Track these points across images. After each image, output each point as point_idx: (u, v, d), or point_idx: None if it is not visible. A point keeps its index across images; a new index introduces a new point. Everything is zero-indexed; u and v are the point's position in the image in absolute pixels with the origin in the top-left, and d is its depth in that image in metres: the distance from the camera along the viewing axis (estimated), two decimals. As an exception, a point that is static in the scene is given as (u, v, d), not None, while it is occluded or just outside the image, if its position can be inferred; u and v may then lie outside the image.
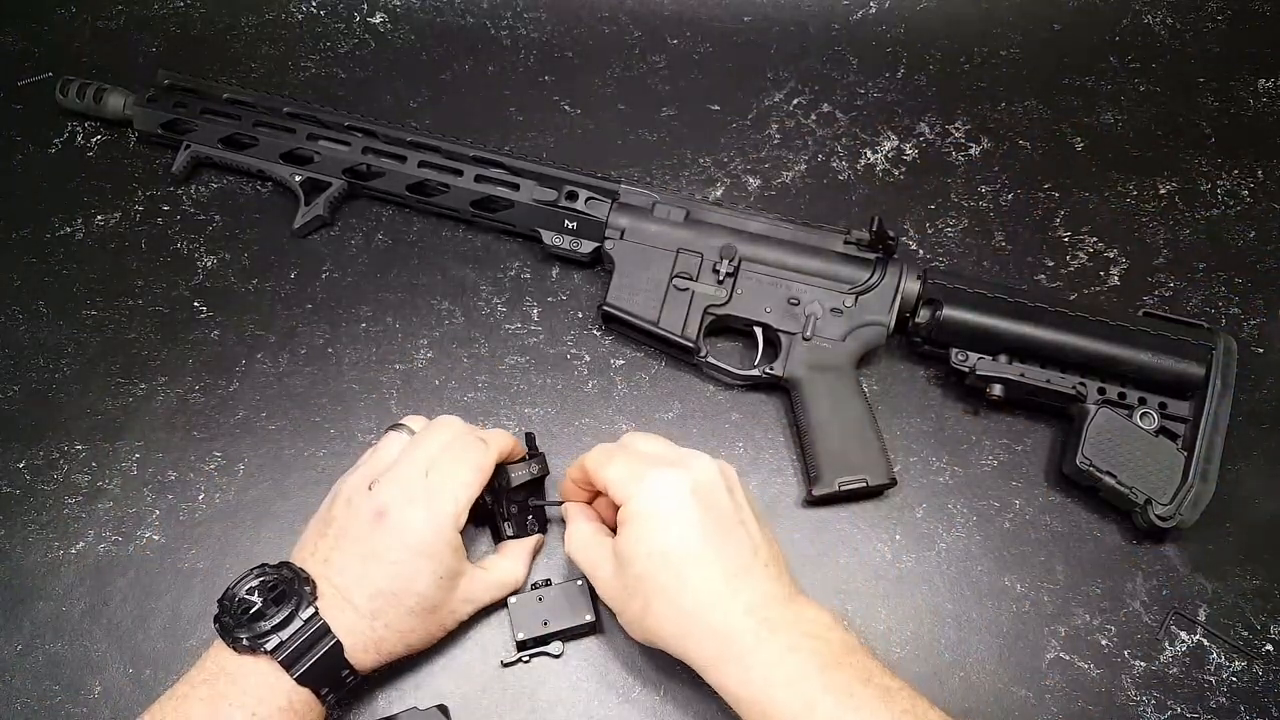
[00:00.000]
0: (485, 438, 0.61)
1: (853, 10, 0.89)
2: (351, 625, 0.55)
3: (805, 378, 0.70)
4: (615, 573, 0.56)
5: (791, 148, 0.83)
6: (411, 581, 0.56)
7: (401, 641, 0.58)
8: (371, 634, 0.56)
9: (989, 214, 0.81)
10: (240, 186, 0.81)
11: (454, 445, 0.60)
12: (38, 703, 0.63)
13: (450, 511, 0.57)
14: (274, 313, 0.76)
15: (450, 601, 0.59)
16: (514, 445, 0.64)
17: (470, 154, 0.76)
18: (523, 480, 0.64)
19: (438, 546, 0.56)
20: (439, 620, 0.59)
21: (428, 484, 0.57)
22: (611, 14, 0.88)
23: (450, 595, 0.59)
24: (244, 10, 0.88)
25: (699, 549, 0.53)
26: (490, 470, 0.60)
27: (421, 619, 0.58)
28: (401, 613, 0.56)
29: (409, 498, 0.57)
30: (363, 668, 0.56)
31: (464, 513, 0.58)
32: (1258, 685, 0.65)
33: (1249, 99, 0.86)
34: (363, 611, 0.56)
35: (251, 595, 0.54)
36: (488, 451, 0.60)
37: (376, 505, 0.57)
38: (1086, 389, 0.69)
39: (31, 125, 0.83)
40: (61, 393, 0.73)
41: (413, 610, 0.57)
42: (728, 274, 0.72)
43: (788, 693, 0.49)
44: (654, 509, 0.54)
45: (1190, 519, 0.66)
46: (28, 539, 0.68)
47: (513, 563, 0.63)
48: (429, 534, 0.56)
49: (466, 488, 0.58)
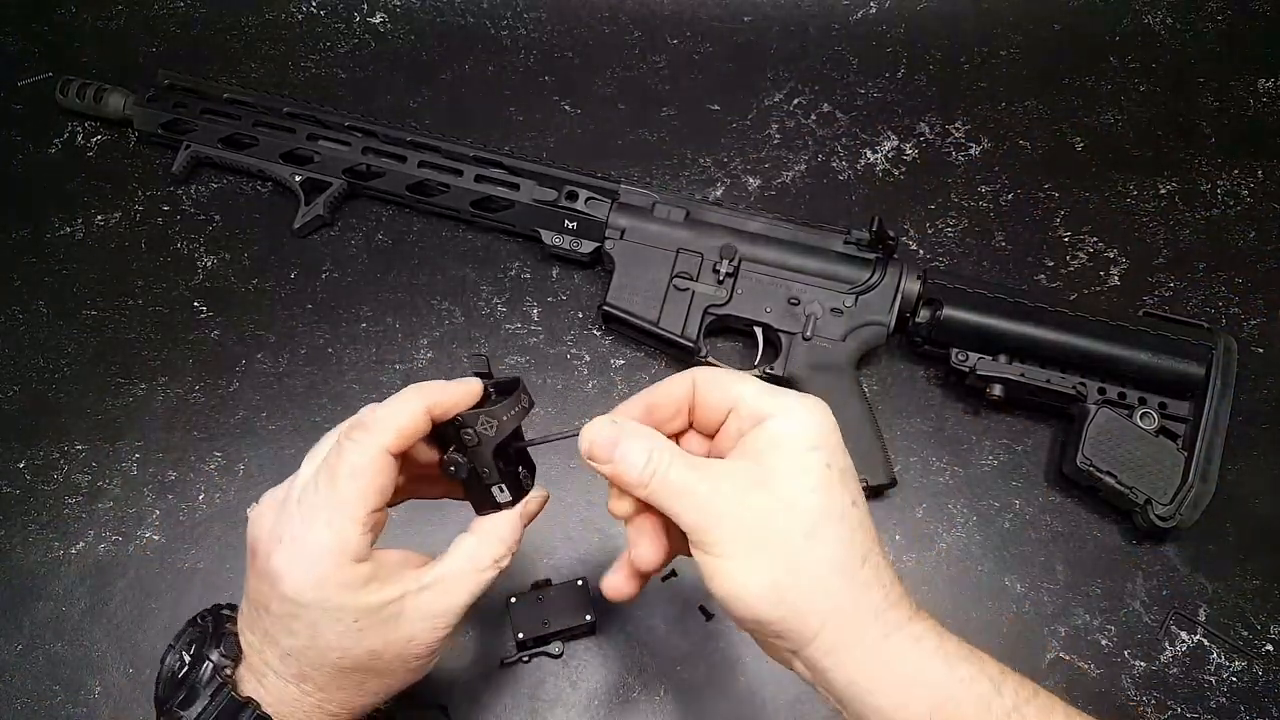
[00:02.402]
0: (366, 422, 0.45)
1: (853, 10, 0.89)
2: (281, 694, 0.45)
3: (805, 378, 0.70)
4: (739, 502, 0.41)
5: (791, 148, 0.83)
6: (314, 636, 0.44)
7: (361, 698, 0.46)
8: (307, 701, 0.45)
9: (989, 214, 0.81)
10: (240, 186, 0.81)
11: (329, 457, 0.45)
12: (38, 703, 0.63)
13: (327, 546, 0.43)
14: (274, 313, 0.76)
15: (393, 643, 0.45)
16: (442, 395, 0.46)
17: (470, 154, 0.76)
18: (514, 424, 0.48)
19: (324, 591, 0.43)
20: (397, 660, 0.46)
21: (299, 512, 0.44)
22: (611, 14, 0.88)
23: (387, 634, 0.45)
24: (244, 10, 0.88)
25: (841, 502, 0.42)
26: (381, 466, 0.45)
27: (365, 672, 0.45)
28: (331, 672, 0.45)
29: (276, 535, 0.44)
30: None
31: (355, 537, 0.44)
32: (1258, 685, 0.65)
33: (1249, 99, 0.85)
34: (284, 675, 0.45)
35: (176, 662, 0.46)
36: (366, 443, 0.44)
37: (250, 539, 0.46)
38: (1086, 389, 0.69)
39: (31, 125, 0.83)
40: (61, 393, 0.73)
41: (341, 668, 0.44)
42: (728, 274, 0.72)
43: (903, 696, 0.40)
44: (812, 433, 0.42)
45: (1190, 519, 0.66)
46: (28, 539, 0.68)
47: (477, 545, 0.47)
48: (303, 579, 0.43)
49: (345, 506, 0.44)
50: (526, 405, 0.49)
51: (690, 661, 0.64)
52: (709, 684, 0.64)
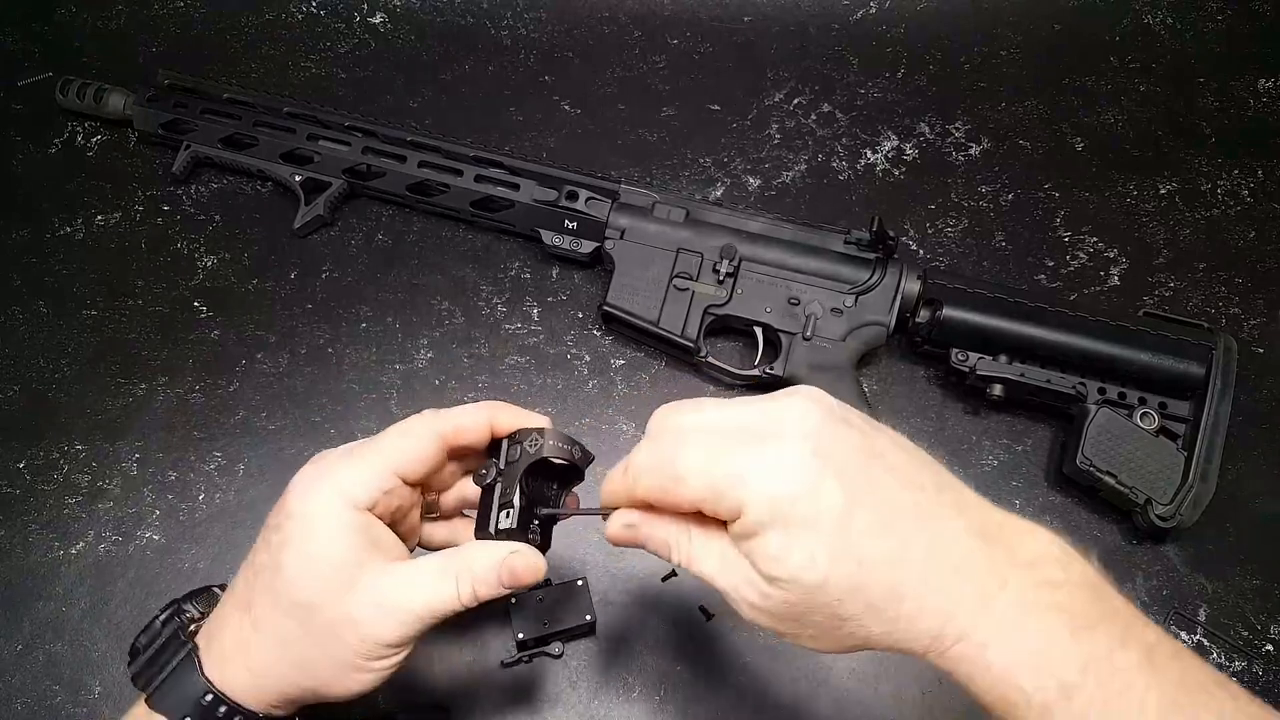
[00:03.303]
0: (436, 409, 0.49)
1: (853, 10, 0.89)
2: (225, 619, 0.45)
3: (805, 378, 0.70)
4: (765, 596, 0.40)
5: (791, 148, 0.83)
6: (278, 551, 0.44)
7: (289, 670, 0.44)
8: (242, 634, 0.45)
9: (989, 214, 0.81)
10: (240, 186, 0.81)
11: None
12: (38, 703, 0.63)
13: (335, 474, 0.46)
14: (274, 313, 0.76)
15: (336, 615, 0.44)
16: (510, 413, 0.50)
17: (470, 154, 0.76)
18: (558, 453, 0.48)
19: (310, 507, 0.45)
20: (333, 640, 0.44)
21: (340, 448, 0.48)
22: (611, 14, 0.88)
23: (334, 595, 0.44)
24: (244, 10, 0.88)
25: (865, 528, 0.39)
26: (429, 440, 0.47)
27: (302, 632, 0.44)
28: (269, 607, 0.44)
29: (314, 460, 0.47)
30: (234, 692, 0.44)
31: (364, 479, 0.46)
32: (1258, 685, 0.65)
33: (1249, 99, 0.86)
34: (238, 600, 0.45)
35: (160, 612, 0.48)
36: (426, 417, 0.48)
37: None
38: (1086, 389, 0.69)
39: (31, 125, 0.83)
40: (61, 393, 0.73)
41: (284, 604, 0.44)
42: (728, 274, 0.72)
43: (1034, 679, 0.37)
44: (786, 511, 0.39)
45: (1190, 519, 0.66)
46: (28, 539, 0.68)
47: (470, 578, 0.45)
48: (301, 492, 0.45)
49: (376, 453, 0.47)
50: (583, 453, 0.49)
51: (690, 661, 0.64)
52: (709, 684, 0.64)
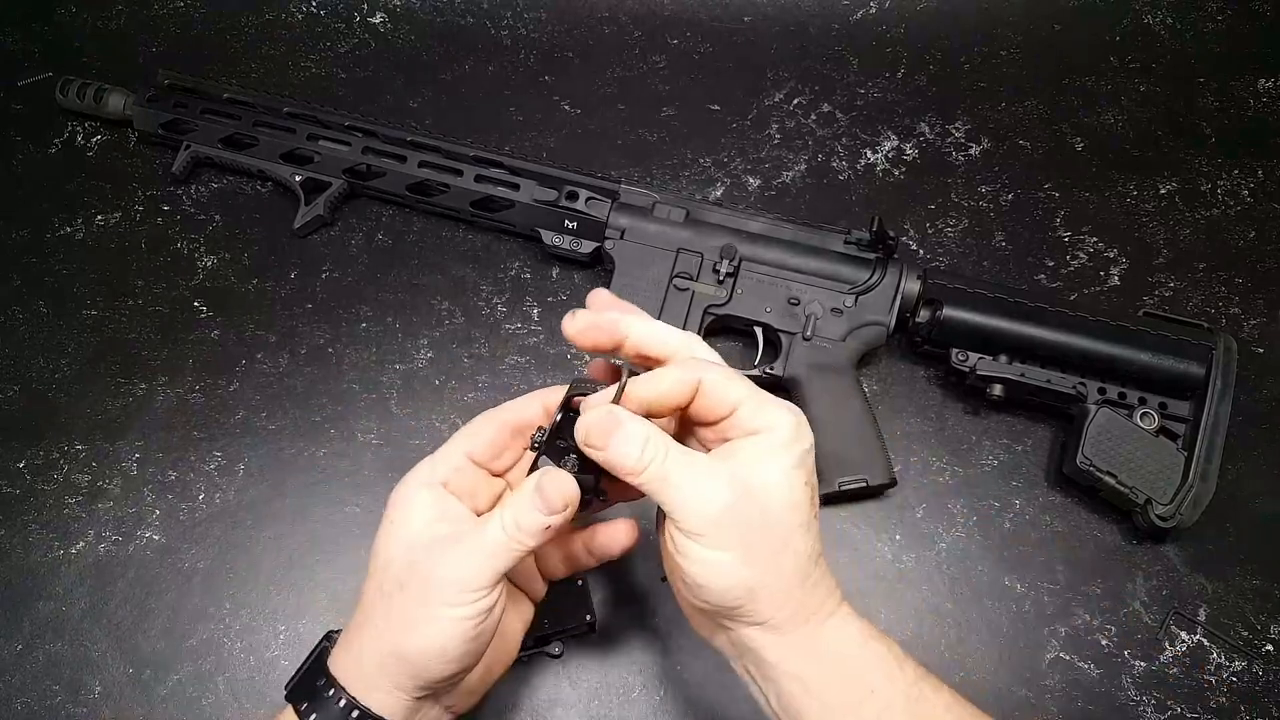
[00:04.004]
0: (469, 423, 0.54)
1: (853, 10, 0.89)
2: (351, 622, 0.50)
3: (805, 378, 0.70)
4: (731, 502, 0.44)
5: (791, 148, 0.83)
6: (377, 541, 0.49)
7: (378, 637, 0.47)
8: (353, 621, 0.49)
9: (989, 214, 0.81)
10: (240, 186, 0.81)
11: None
12: (38, 703, 0.63)
13: (421, 472, 0.50)
14: (274, 313, 0.76)
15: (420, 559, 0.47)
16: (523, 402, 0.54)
17: (470, 154, 0.76)
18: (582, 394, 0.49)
19: (403, 494, 0.50)
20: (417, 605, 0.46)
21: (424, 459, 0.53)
22: (611, 14, 0.88)
23: (418, 550, 0.47)
24: (244, 10, 0.88)
25: (808, 514, 0.47)
26: (495, 427, 0.52)
27: (390, 599, 0.47)
28: (372, 588, 0.48)
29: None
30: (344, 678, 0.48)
31: (448, 459, 0.51)
32: (1258, 685, 0.65)
33: (1249, 99, 0.85)
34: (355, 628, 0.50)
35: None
36: (489, 412, 0.53)
37: None
38: (1086, 389, 0.69)
39: (31, 125, 0.83)
40: (61, 393, 0.73)
41: (377, 581, 0.48)
42: (728, 274, 0.72)
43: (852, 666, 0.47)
44: (797, 453, 0.46)
45: (1190, 519, 0.66)
46: (28, 539, 0.68)
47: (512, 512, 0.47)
48: (399, 490, 0.50)
49: (454, 441, 0.52)
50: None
51: (690, 661, 0.64)
52: (709, 684, 0.64)
